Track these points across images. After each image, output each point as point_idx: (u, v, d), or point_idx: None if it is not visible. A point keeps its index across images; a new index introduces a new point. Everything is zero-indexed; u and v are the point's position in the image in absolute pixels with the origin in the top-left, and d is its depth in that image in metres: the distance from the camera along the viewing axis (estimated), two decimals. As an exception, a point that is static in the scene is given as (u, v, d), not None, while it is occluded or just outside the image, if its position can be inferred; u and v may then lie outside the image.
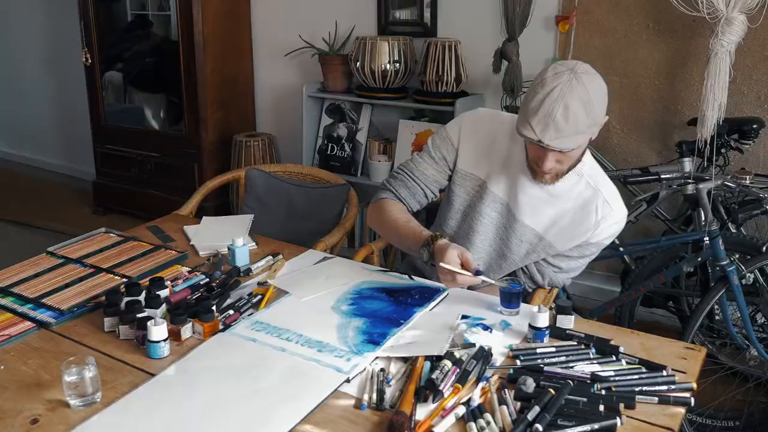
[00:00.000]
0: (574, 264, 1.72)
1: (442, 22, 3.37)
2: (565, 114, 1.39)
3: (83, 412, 1.19)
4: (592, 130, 1.45)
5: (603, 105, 1.46)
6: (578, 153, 1.53)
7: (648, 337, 1.45)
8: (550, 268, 1.73)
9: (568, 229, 1.65)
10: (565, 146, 1.43)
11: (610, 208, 1.62)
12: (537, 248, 1.69)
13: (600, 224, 1.63)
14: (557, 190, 1.63)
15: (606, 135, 3.05)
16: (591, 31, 2.98)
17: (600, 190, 1.63)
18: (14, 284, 1.62)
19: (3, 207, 4.45)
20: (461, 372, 1.27)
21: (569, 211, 1.64)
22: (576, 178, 1.63)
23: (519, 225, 1.68)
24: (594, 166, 1.67)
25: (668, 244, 2.24)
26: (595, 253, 1.71)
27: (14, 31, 5.20)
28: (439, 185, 1.77)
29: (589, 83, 1.41)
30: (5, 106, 5.50)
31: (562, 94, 1.39)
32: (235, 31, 3.88)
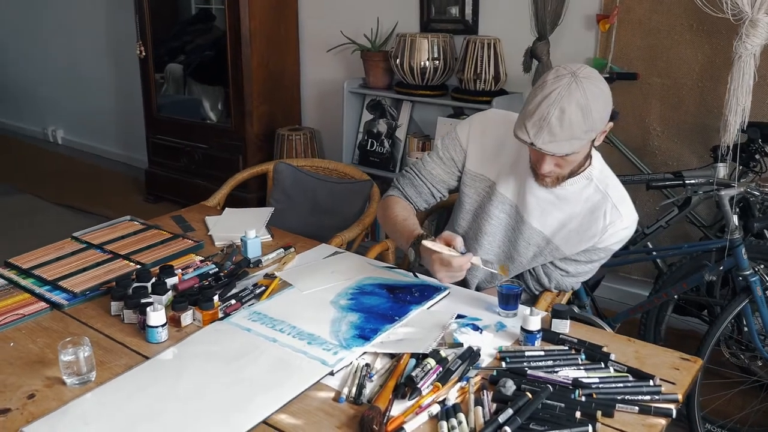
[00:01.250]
0: (581, 268, 1.70)
1: (483, 20, 3.35)
2: (561, 118, 1.37)
3: (77, 389, 1.26)
4: (590, 136, 1.43)
5: (603, 111, 1.43)
6: (578, 158, 1.51)
7: (644, 345, 1.42)
8: (557, 272, 1.71)
9: (576, 233, 1.63)
10: (557, 151, 1.41)
11: (618, 214, 1.59)
12: (544, 251, 1.68)
13: (608, 229, 1.60)
14: (565, 194, 1.61)
15: (646, 137, 2.97)
16: (633, 31, 2.91)
17: (609, 194, 1.60)
18: (37, 266, 1.71)
19: (63, 192, 4.67)
20: (443, 371, 1.28)
21: (577, 215, 1.62)
22: (585, 182, 1.60)
23: (526, 227, 1.66)
24: (604, 170, 1.64)
25: (691, 251, 2.17)
26: (603, 258, 1.68)
27: (78, 23, 5.43)
28: (446, 185, 1.77)
29: (590, 88, 1.38)
30: (69, 96, 5.76)
31: (559, 98, 1.37)
32: (282, 26, 3.95)
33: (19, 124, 6.35)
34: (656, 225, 2.45)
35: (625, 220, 1.60)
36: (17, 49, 6.08)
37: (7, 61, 6.23)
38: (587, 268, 1.70)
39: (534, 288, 1.75)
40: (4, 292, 1.61)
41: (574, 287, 1.76)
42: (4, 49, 6.22)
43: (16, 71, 6.17)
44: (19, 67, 6.13)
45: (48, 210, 4.34)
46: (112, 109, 5.42)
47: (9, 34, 6.12)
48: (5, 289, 1.62)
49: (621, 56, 2.96)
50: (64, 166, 5.42)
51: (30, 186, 4.81)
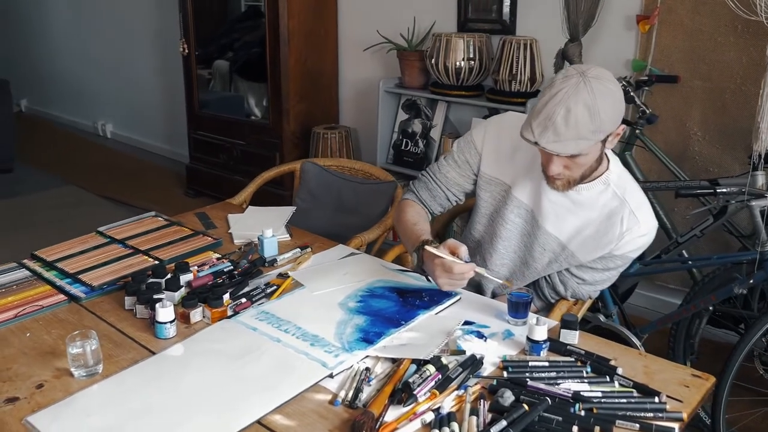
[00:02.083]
0: (598, 276, 1.66)
1: (521, 20, 3.30)
2: (566, 117, 1.35)
3: (84, 381, 1.29)
4: (598, 137, 1.39)
5: (613, 111, 1.38)
6: (588, 160, 1.47)
7: (654, 359, 1.38)
8: (573, 279, 1.68)
9: (592, 239, 1.59)
10: (562, 150, 1.38)
11: (636, 220, 1.55)
12: (559, 258, 1.65)
13: (624, 236, 1.56)
14: (582, 199, 1.57)
15: (686, 142, 2.89)
16: (674, 32, 2.82)
17: (627, 200, 1.56)
18: (60, 259, 1.76)
19: (107, 185, 4.81)
20: (443, 378, 1.27)
21: (594, 221, 1.58)
22: (602, 187, 1.57)
23: (542, 232, 1.64)
24: (622, 175, 1.59)
25: (720, 263, 2.10)
26: (620, 266, 1.64)
27: (128, 22, 5.57)
28: (462, 189, 1.76)
29: (598, 87, 1.35)
30: (118, 92, 5.91)
31: (566, 98, 1.35)
32: (320, 25, 3.97)
33: (72, 118, 6.56)
34: (690, 234, 2.37)
35: (643, 227, 1.55)
36: (71, 46, 6.28)
37: (62, 57, 6.44)
38: (604, 276, 1.66)
39: (550, 296, 1.72)
40: (28, 283, 1.66)
41: (591, 296, 1.72)
42: (59, 46, 6.43)
43: (71, 67, 6.37)
44: (73, 63, 6.33)
45: (92, 202, 4.47)
46: (158, 105, 5.55)
47: (64, 32, 6.33)
48: (29, 280, 1.67)
49: (661, 58, 2.88)
50: (111, 160, 5.57)
51: (77, 178, 4.96)
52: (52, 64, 6.59)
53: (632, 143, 2.74)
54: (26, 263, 1.75)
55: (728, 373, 1.90)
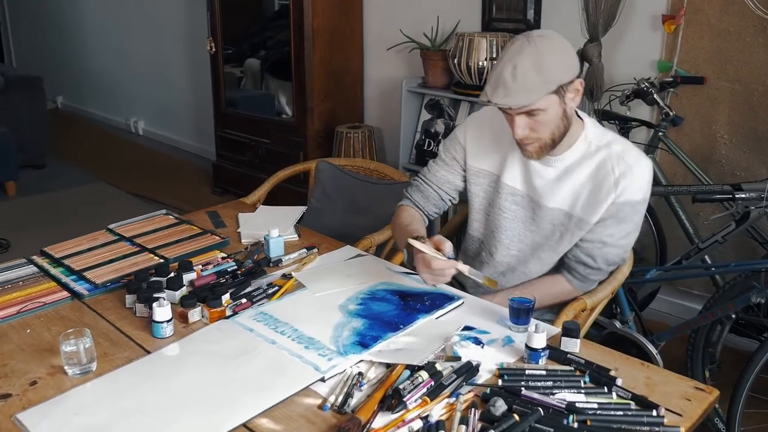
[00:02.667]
0: (615, 231, 1.59)
1: (546, 20, 3.24)
2: (513, 73, 1.40)
3: (77, 379, 1.30)
4: (548, 87, 1.42)
5: (559, 62, 1.43)
6: (550, 117, 1.47)
7: (658, 371, 1.34)
8: (594, 246, 1.61)
9: (592, 196, 1.57)
10: (513, 103, 1.43)
11: (626, 163, 1.54)
12: (569, 227, 1.61)
13: (620, 182, 1.54)
14: (569, 164, 1.58)
15: (712, 146, 2.81)
16: (701, 32, 2.74)
17: (611, 148, 1.56)
18: (68, 256, 1.78)
19: (137, 182, 4.87)
20: (435, 385, 1.24)
21: (587, 178, 1.57)
22: (584, 146, 1.58)
23: (544, 211, 1.63)
24: (599, 130, 1.60)
25: (739, 270, 2.03)
26: (631, 214, 1.58)
27: (160, 20, 5.64)
28: (453, 186, 1.77)
29: (542, 44, 1.42)
30: (150, 89, 5.99)
31: (512, 56, 1.42)
32: (346, 23, 3.96)
33: (106, 115, 6.67)
34: (712, 239, 2.30)
35: (636, 168, 1.54)
36: (105, 44, 6.38)
37: (96, 55, 6.55)
38: (621, 230, 1.59)
39: (587, 275, 1.66)
40: (34, 279, 1.68)
41: (624, 258, 1.66)
42: (93, 44, 6.54)
43: (105, 65, 6.48)
44: (107, 61, 6.44)
45: (120, 199, 4.54)
46: (187, 103, 5.61)
47: (98, 31, 6.44)
48: (35, 276, 1.70)
49: (687, 59, 2.80)
50: (142, 157, 5.65)
51: (108, 174, 5.04)
52: (87, 61, 6.72)
53: (655, 145, 2.67)
54: (35, 259, 1.78)
55: (744, 384, 1.84)
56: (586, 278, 1.68)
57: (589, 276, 1.67)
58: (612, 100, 2.77)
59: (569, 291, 1.68)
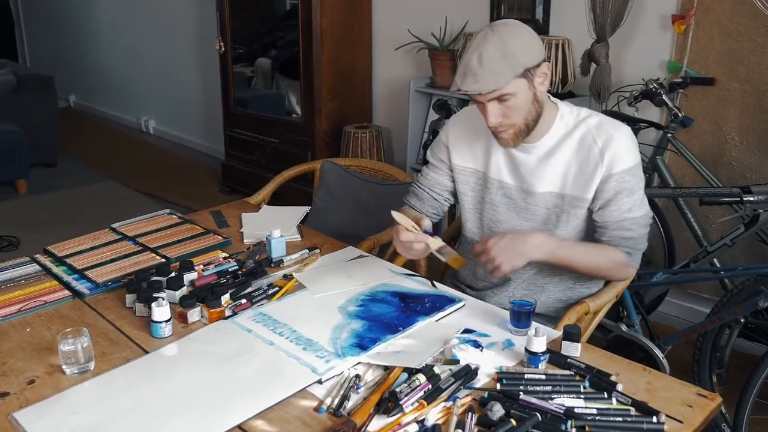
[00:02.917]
0: (629, 200, 1.56)
1: (555, 20, 3.22)
2: (480, 60, 1.44)
3: (74, 378, 1.30)
4: (515, 71, 1.44)
5: (524, 47, 1.46)
6: (520, 102, 1.49)
7: (659, 376, 1.32)
8: (622, 222, 1.57)
9: (580, 172, 1.58)
10: (482, 88, 1.44)
11: (605, 132, 1.55)
12: (564, 208, 1.61)
13: (605, 153, 1.54)
14: (550, 146, 1.59)
15: (722, 147, 2.77)
16: (711, 33, 2.71)
17: (587, 122, 1.58)
18: (70, 255, 1.78)
19: (146, 181, 4.89)
20: (432, 389, 1.23)
21: (572, 157, 1.58)
22: (562, 126, 1.59)
23: (535, 197, 1.63)
24: (572, 109, 1.62)
25: (746, 274, 2.00)
26: (635, 181, 1.56)
27: (170, 20, 5.66)
28: (445, 188, 1.79)
29: (505, 31, 1.45)
30: (161, 88, 6.02)
31: (477, 45, 1.45)
32: (354, 22, 3.96)
33: (118, 114, 6.71)
34: (720, 242, 2.27)
35: (617, 134, 1.54)
36: (117, 43, 6.42)
37: (108, 54, 6.59)
38: (634, 198, 1.56)
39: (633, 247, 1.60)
40: (36, 278, 1.69)
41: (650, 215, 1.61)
42: (105, 43, 6.58)
43: (116, 64, 6.51)
44: (118, 60, 6.47)
45: (130, 197, 4.55)
46: (197, 102, 5.63)
47: (110, 30, 6.47)
48: (37, 275, 1.70)
49: (697, 60, 2.77)
50: (152, 156, 5.68)
51: (118, 173, 5.06)
52: (99, 61, 6.76)
53: (664, 147, 2.64)
54: (38, 258, 1.78)
55: (750, 390, 1.81)
56: (634, 249, 1.61)
57: (634, 246, 1.61)
58: (620, 101, 2.75)
59: (624, 260, 1.60)
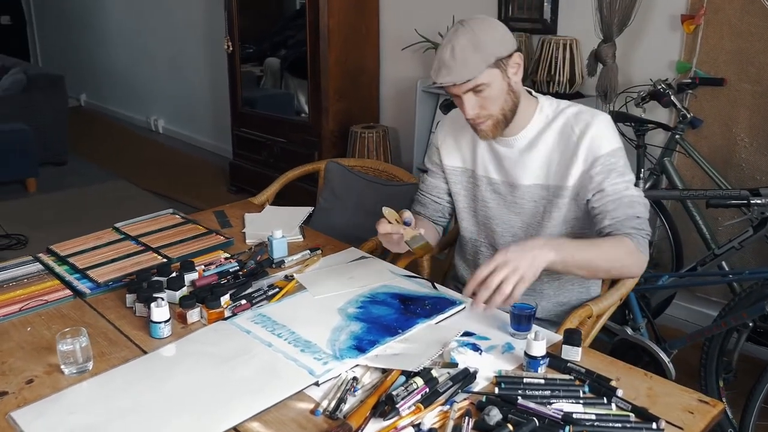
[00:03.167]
0: (620, 180, 1.54)
1: (563, 20, 3.20)
2: (452, 53, 1.47)
3: (73, 378, 1.30)
4: (487, 60, 1.47)
5: (494, 37, 1.49)
6: (496, 92, 1.51)
7: (661, 382, 1.30)
8: (620, 199, 1.53)
9: (562, 161, 1.59)
10: (455, 79, 1.47)
11: (583, 121, 1.56)
12: (550, 199, 1.62)
13: (584, 138, 1.55)
14: (531, 137, 1.61)
15: (732, 149, 2.74)
16: (721, 33, 2.69)
17: (565, 112, 1.60)
18: (73, 254, 1.79)
19: (155, 180, 4.91)
20: (430, 392, 1.22)
21: (553, 147, 1.60)
22: (542, 118, 1.61)
23: (521, 190, 1.65)
24: (552, 101, 1.64)
25: (753, 278, 1.98)
26: (620, 164, 1.54)
27: (179, 20, 5.68)
28: (443, 191, 1.81)
29: (476, 25, 1.49)
30: (170, 88, 6.04)
31: (449, 40, 1.49)
32: (362, 23, 3.95)
33: (127, 113, 6.74)
34: (728, 245, 2.25)
35: (594, 121, 1.56)
36: (127, 43, 6.45)
37: (118, 54, 6.62)
38: (624, 179, 1.54)
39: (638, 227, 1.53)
40: (38, 277, 1.69)
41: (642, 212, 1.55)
42: (116, 43, 6.61)
43: (126, 63, 6.55)
44: (128, 60, 6.50)
45: (138, 196, 4.57)
46: (206, 101, 5.64)
47: (120, 30, 6.50)
48: (39, 274, 1.70)
49: (707, 60, 2.74)
50: (161, 155, 5.70)
51: (127, 172, 5.09)
52: (109, 60, 6.79)
53: (672, 148, 2.62)
54: (41, 257, 1.79)
55: (756, 396, 1.79)
56: (640, 230, 1.55)
57: (640, 227, 1.55)
58: (628, 101, 2.72)
59: (633, 247, 1.52)
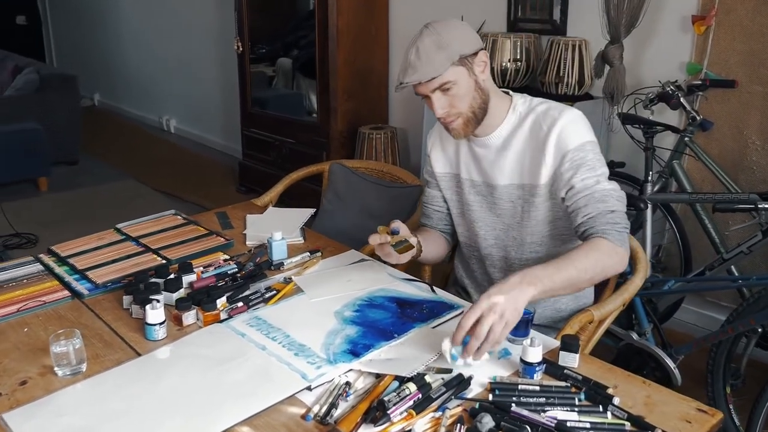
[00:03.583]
0: (590, 174, 1.51)
1: (572, 21, 3.17)
2: (417, 54, 1.49)
3: (66, 380, 1.30)
4: (451, 58, 1.49)
5: (458, 36, 1.51)
6: (463, 90, 1.52)
7: (659, 390, 1.27)
8: (589, 194, 1.50)
9: (534, 159, 1.59)
10: (422, 76, 1.49)
11: (551, 117, 1.55)
12: (526, 198, 1.62)
13: (550, 135, 1.54)
14: (504, 136, 1.62)
15: (743, 152, 2.70)
16: (733, 34, 2.65)
17: (534, 109, 1.60)
18: (73, 255, 1.79)
19: (165, 179, 4.93)
20: (423, 398, 1.21)
21: (525, 146, 1.60)
22: (515, 117, 1.61)
23: (499, 191, 1.65)
24: (525, 99, 1.64)
25: (759, 284, 1.94)
26: (585, 157, 1.52)
27: (191, 21, 5.70)
28: (442, 199, 1.81)
29: (439, 26, 1.51)
30: (182, 88, 6.07)
31: (414, 42, 1.52)
32: (371, 23, 3.94)
33: (140, 112, 6.78)
34: (737, 250, 2.21)
35: (561, 117, 1.54)
36: (140, 43, 6.48)
37: (131, 54, 6.66)
38: (595, 173, 1.51)
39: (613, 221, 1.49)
40: (38, 278, 1.69)
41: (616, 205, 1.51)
42: (129, 43, 6.65)
43: (139, 63, 6.58)
44: (141, 59, 6.54)
45: (148, 196, 4.59)
46: (217, 101, 5.66)
47: (133, 31, 6.54)
48: (39, 275, 1.71)
49: (718, 62, 2.71)
50: (173, 154, 5.72)
51: (138, 171, 5.11)
52: (122, 60, 6.83)
53: (681, 151, 2.59)
54: (41, 257, 1.79)
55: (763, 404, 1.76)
56: (615, 224, 1.50)
57: (614, 221, 1.50)
58: (637, 103, 2.69)
59: (612, 247, 1.47)
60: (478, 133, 1.63)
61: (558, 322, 1.72)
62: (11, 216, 4.00)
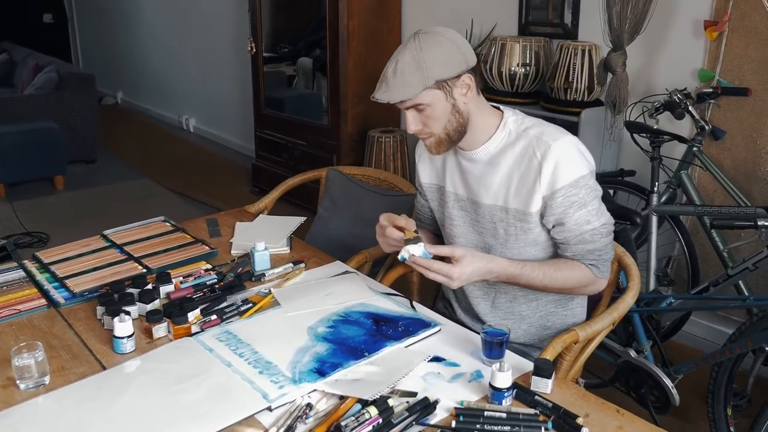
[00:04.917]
0: (583, 213, 1.48)
1: (583, 25, 3.09)
2: (395, 69, 1.43)
3: (28, 393, 1.28)
4: (425, 82, 1.42)
5: (439, 59, 1.42)
6: (438, 112, 1.46)
7: (632, 420, 1.22)
8: (580, 235, 1.50)
9: (521, 185, 1.52)
10: (390, 98, 1.45)
11: (545, 143, 1.47)
12: (510, 221, 1.56)
13: (544, 165, 1.46)
14: (493, 153, 1.55)
15: (756, 162, 2.61)
16: (747, 40, 2.55)
17: (528, 133, 1.51)
18: (56, 262, 1.78)
19: (179, 179, 4.95)
20: (382, 423, 1.17)
21: (513, 167, 1.53)
22: (504, 135, 1.54)
23: (483, 209, 1.59)
24: (518, 117, 1.56)
25: (757, 305, 1.86)
26: (578, 194, 1.47)
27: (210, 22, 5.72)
28: (429, 208, 1.79)
29: (426, 40, 1.42)
30: (201, 88, 6.09)
31: (396, 53, 1.45)
32: (383, 25, 3.90)
33: (160, 112, 6.83)
34: (742, 266, 2.13)
35: (555, 145, 1.46)
36: (161, 43, 6.53)
37: (153, 53, 6.71)
38: (588, 211, 1.48)
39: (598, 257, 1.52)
40: (18, 285, 1.69)
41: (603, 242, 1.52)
42: (150, 43, 6.71)
43: (160, 63, 6.63)
44: (162, 59, 6.59)
45: (161, 196, 4.61)
46: (234, 102, 5.67)
47: (154, 30, 6.59)
48: (20, 282, 1.70)
49: (731, 69, 2.61)
50: (190, 154, 5.75)
51: (154, 171, 5.14)
52: (144, 58, 6.89)
53: (689, 161, 2.50)
54: (25, 264, 1.79)
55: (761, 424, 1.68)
56: (600, 260, 1.54)
57: (600, 258, 1.54)
58: (645, 111, 2.61)
59: (590, 277, 1.53)
60: (464, 147, 1.57)
61: (544, 341, 1.67)
62: (27, 214, 4.05)
